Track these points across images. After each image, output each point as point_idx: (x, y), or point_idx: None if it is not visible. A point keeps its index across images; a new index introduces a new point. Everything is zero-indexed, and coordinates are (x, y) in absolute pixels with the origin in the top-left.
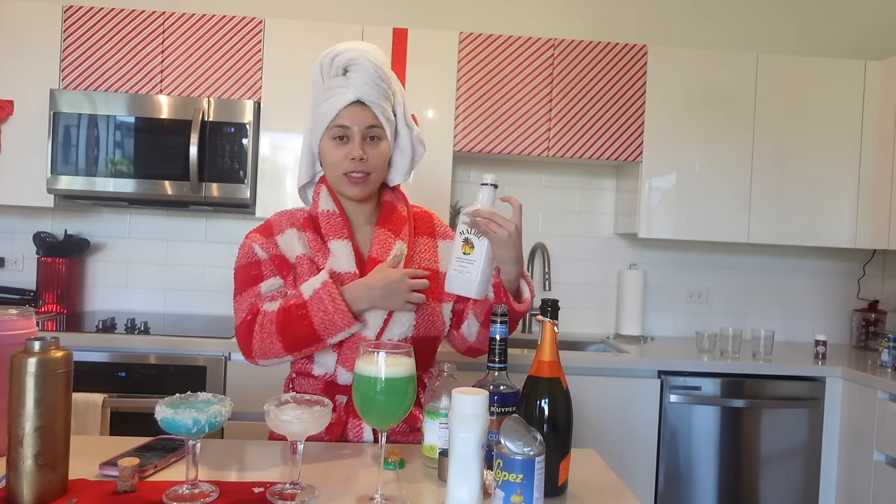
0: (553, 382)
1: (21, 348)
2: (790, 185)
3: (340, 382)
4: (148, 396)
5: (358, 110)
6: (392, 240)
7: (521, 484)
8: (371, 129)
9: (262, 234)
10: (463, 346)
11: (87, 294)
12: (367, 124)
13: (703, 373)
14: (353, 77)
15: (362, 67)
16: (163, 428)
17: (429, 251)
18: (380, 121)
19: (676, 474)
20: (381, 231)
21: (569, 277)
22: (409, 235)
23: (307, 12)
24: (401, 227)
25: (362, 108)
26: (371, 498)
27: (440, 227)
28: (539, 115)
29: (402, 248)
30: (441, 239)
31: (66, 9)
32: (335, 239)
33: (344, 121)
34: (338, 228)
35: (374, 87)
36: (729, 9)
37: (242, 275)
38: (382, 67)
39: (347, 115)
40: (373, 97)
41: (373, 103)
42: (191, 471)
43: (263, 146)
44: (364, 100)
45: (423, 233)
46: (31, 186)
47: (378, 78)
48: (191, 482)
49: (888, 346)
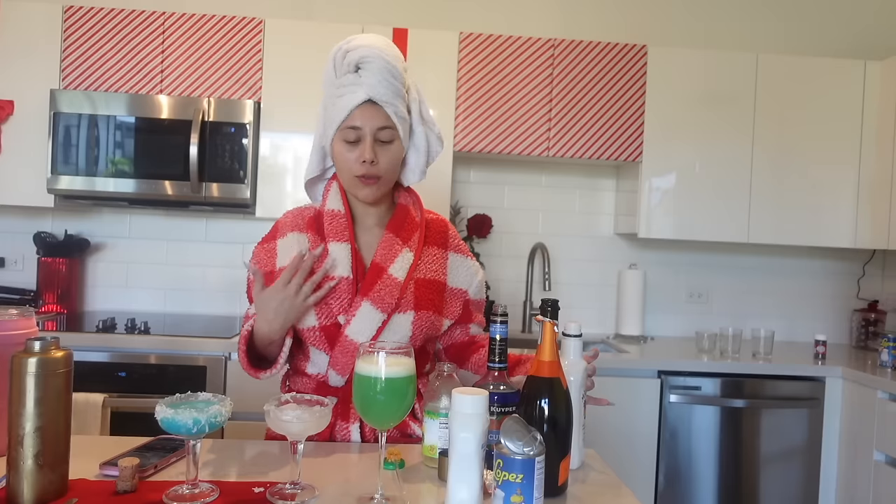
0: (553, 382)
1: (21, 348)
2: (790, 185)
3: (332, 384)
4: (148, 396)
5: (370, 110)
6: (399, 246)
7: (521, 484)
8: (383, 130)
9: (265, 241)
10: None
11: (88, 294)
12: (379, 125)
13: (703, 373)
14: (366, 75)
15: (375, 66)
16: (163, 428)
17: (436, 262)
18: (392, 121)
19: (676, 474)
20: (390, 236)
21: (569, 277)
22: (418, 243)
23: (307, 12)
24: (411, 233)
25: (374, 107)
26: (371, 498)
27: (454, 240)
28: (539, 115)
29: (304, 245)
30: (453, 252)
31: (66, 9)
32: (334, 241)
33: (356, 121)
34: (339, 230)
35: (387, 87)
36: (729, 9)
37: (248, 290)
38: (395, 64)
39: (359, 116)
40: (386, 96)
41: (386, 103)
42: (191, 471)
43: (263, 146)
44: (376, 99)
45: (434, 242)
46: (32, 186)
47: (391, 76)
48: (191, 482)
49: (888, 346)
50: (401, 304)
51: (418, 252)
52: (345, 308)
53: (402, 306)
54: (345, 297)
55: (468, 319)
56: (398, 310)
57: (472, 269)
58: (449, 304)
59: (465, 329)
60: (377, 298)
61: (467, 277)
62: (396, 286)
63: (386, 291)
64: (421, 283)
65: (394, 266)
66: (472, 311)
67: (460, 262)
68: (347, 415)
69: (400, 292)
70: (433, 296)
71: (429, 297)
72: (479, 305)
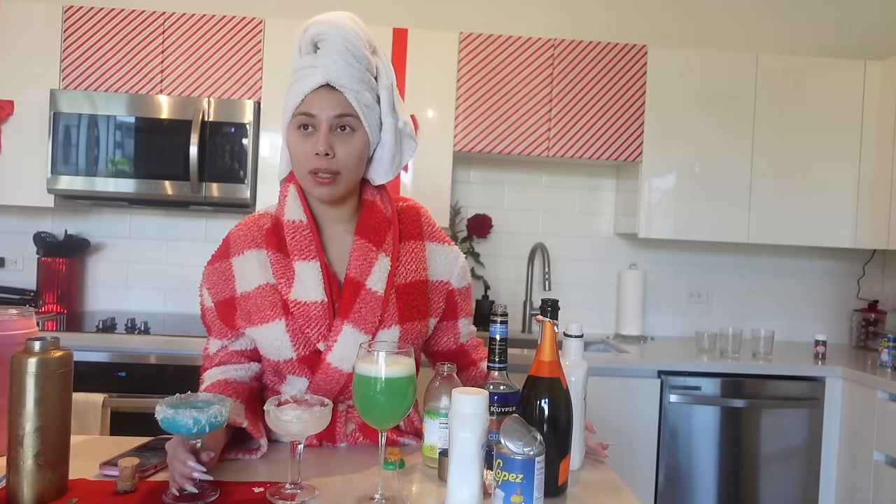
0: (553, 382)
1: (21, 348)
2: (790, 185)
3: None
4: (148, 396)
5: (327, 95)
6: (374, 253)
7: (521, 484)
8: (342, 118)
9: (216, 260)
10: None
11: (87, 294)
12: (337, 112)
13: (703, 373)
14: (322, 55)
15: (332, 45)
16: (163, 428)
17: (415, 258)
18: (354, 109)
19: (676, 474)
20: (361, 242)
21: (569, 277)
22: (393, 242)
23: (307, 12)
24: (384, 234)
25: (332, 92)
26: (371, 498)
27: (428, 227)
28: (539, 115)
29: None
30: (429, 241)
31: (66, 9)
32: (301, 260)
33: (309, 107)
34: (304, 245)
35: (345, 68)
36: (729, 9)
37: (203, 322)
38: (356, 43)
39: (313, 101)
40: (344, 80)
41: (345, 87)
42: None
43: (263, 146)
44: (334, 83)
45: (410, 235)
46: (32, 186)
47: (351, 56)
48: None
49: (888, 346)
50: (384, 320)
51: (395, 254)
52: (324, 335)
53: (386, 321)
54: (322, 323)
55: (454, 315)
56: (382, 326)
57: (451, 256)
58: (432, 300)
59: (454, 329)
60: (358, 319)
61: (447, 266)
62: (377, 301)
63: (367, 309)
64: (403, 291)
65: (371, 278)
66: (459, 303)
67: (438, 251)
68: (333, 436)
69: (382, 307)
70: (417, 301)
71: (413, 304)
72: (466, 294)
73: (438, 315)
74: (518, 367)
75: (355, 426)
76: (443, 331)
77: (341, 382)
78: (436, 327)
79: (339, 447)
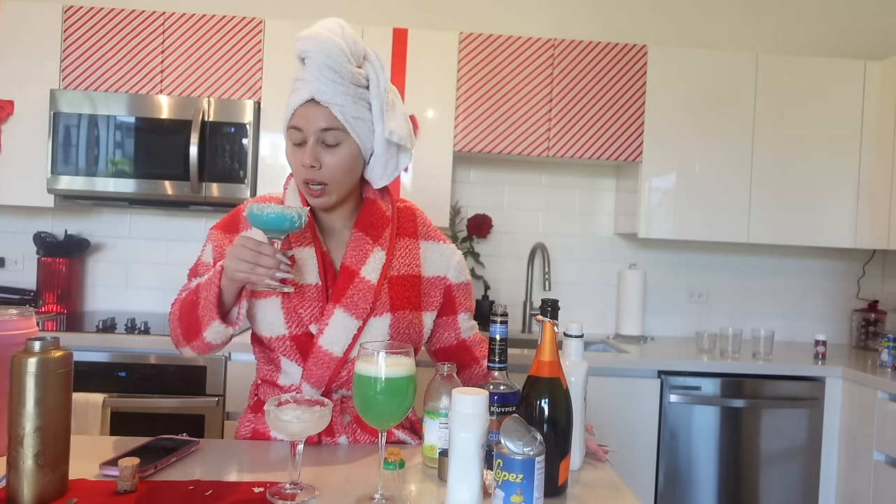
0: (553, 382)
1: (21, 348)
2: (790, 185)
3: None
4: (148, 396)
5: (313, 110)
6: (370, 245)
7: (521, 484)
8: (327, 131)
9: (224, 229)
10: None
11: (87, 294)
12: (322, 126)
13: (703, 373)
14: (306, 71)
15: (313, 61)
16: (267, 225)
17: (410, 254)
18: (339, 122)
19: (676, 474)
20: (359, 235)
21: (569, 277)
22: (390, 239)
23: (307, 12)
24: (382, 229)
25: (317, 107)
26: (371, 498)
27: (423, 227)
28: (539, 115)
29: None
30: (423, 240)
31: (66, 9)
32: (299, 246)
33: (298, 122)
34: (302, 233)
35: (327, 84)
36: (729, 9)
37: (191, 270)
38: (338, 59)
39: (301, 115)
40: (327, 95)
41: (329, 102)
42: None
43: (263, 146)
44: (318, 98)
45: (405, 233)
46: (32, 186)
47: (332, 72)
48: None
49: (888, 346)
50: (376, 308)
51: (391, 249)
52: (316, 317)
53: (378, 309)
54: (315, 305)
55: (453, 310)
56: (373, 314)
57: (446, 252)
58: (427, 295)
59: (454, 325)
60: (350, 304)
61: (443, 262)
62: (370, 289)
63: (359, 296)
64: (395, 282)
65: (365, 268)
66: (457, 299)
67: (433, 249)
68: (331, 428)
69: (374, 295)
70: (409, 293)
71: (405, 295)
72: (465, 290)
73: (435, 309)
74: (518, 367)
75: (351, 417)
76: (443, 326)
77: (332, 367)
78: (436, 323)
79: (340, 444)
